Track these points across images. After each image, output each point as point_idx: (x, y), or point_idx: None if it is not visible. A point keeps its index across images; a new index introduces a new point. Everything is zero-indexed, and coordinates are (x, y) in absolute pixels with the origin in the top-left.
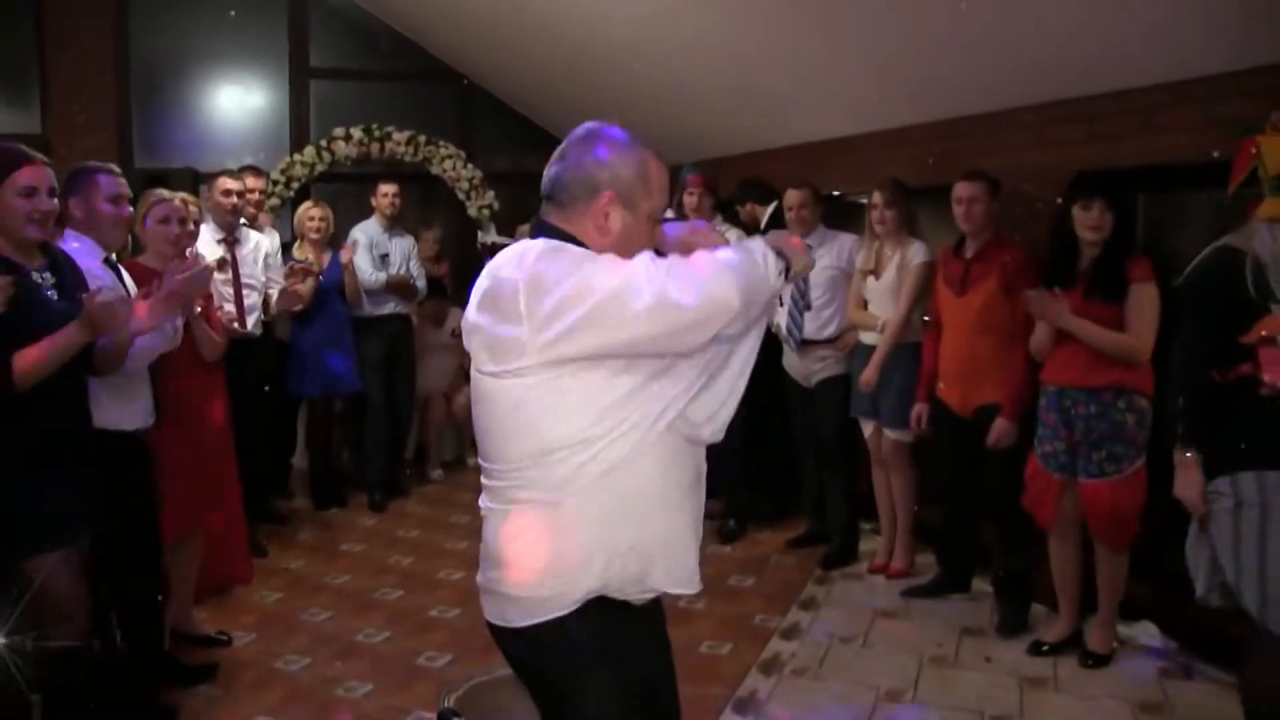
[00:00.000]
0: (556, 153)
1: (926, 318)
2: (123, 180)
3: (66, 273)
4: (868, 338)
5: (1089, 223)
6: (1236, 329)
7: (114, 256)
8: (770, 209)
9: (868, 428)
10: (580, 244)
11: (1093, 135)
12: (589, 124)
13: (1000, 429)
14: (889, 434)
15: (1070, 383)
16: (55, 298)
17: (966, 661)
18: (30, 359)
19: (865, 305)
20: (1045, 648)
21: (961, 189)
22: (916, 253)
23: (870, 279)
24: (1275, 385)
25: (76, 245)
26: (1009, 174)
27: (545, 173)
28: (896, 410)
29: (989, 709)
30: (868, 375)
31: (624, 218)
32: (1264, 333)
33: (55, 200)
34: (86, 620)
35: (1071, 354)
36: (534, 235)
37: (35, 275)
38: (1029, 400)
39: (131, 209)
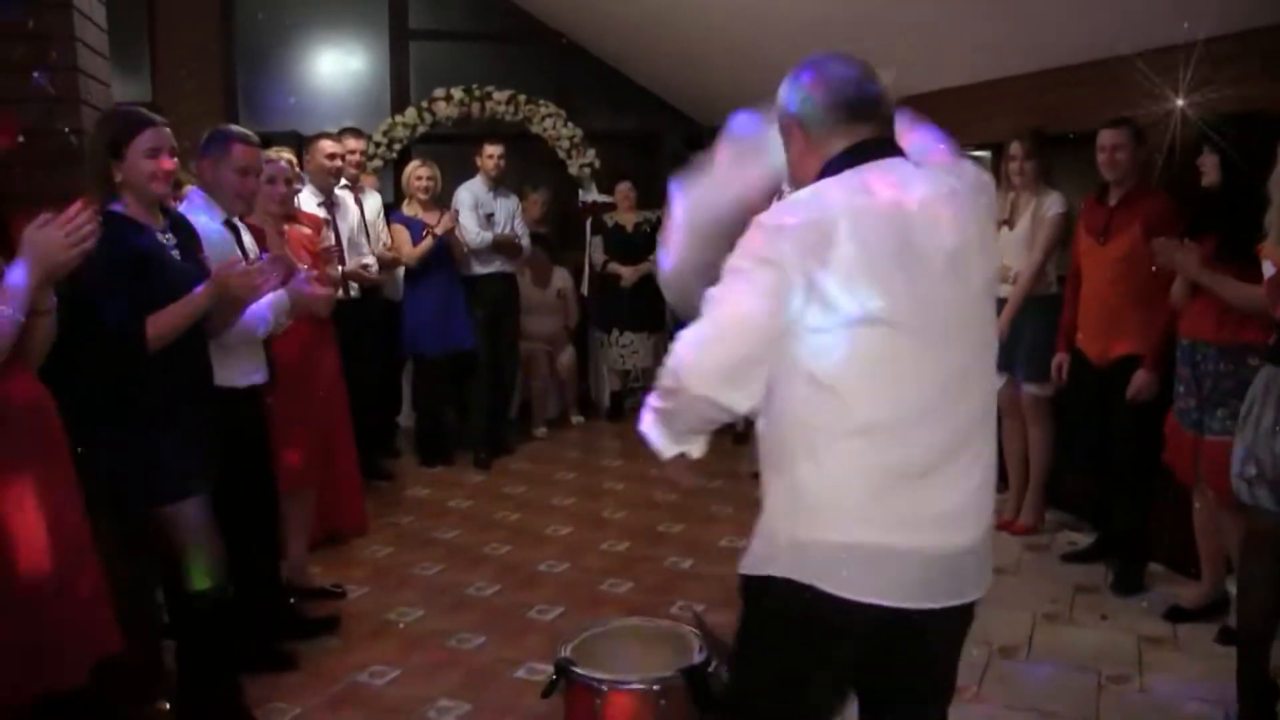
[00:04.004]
0: (864, 73)
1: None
2: (259, 151)
3: (185, 234)
4: (1001, 290)
5: (1201, 171)
6: None
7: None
8: None
9: (998, 382)
10: None
11: (1217, 79)
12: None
13: (1140, 381)
14: (1028, 388)
15: (1201, 337)
16: (178, 257)
17: (1081, 619)
18: (162, 323)
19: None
20: (1184, 613)
21: (1105, 136)
22: (1053, 204)
23: (1004, 229)
24: None
25: (200, 204)
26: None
27: (865, 94)
28: (1032, 364)
29: (1106, 667)
30: (1000, 328)
31: None
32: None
33: (175, 160)
34: (221, 568)
35: (1204, 307)
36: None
37: (160, 236)
38: (1172, 353)
39: (257, 181)
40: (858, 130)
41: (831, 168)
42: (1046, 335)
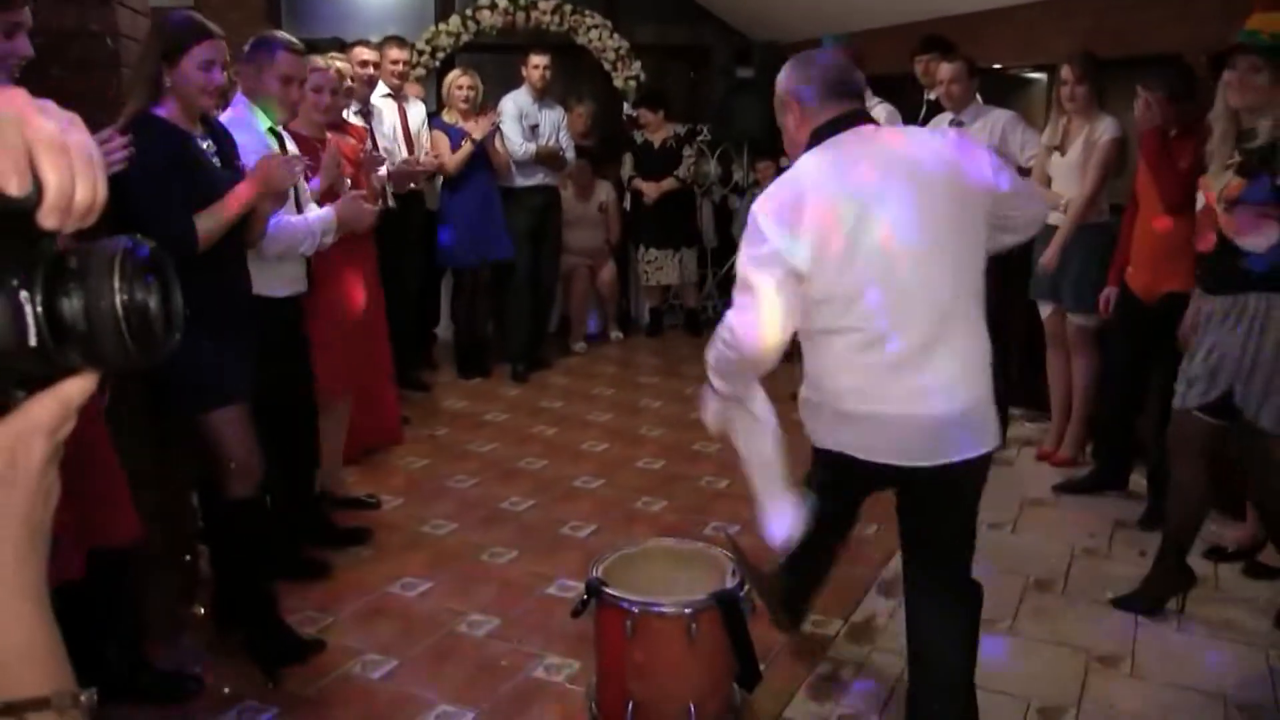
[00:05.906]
0: (847, 63)
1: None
2: (303, 59)
3: (224, 142)
4: (1051, 217)
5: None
6: None
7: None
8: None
9: (1045, 310)
10: None
11: None
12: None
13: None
14: (1072, 318)
15: None
16: (217, 164)
17: (1119, 555)
18: (209, 220)
19: (1049, 183)
20: (1225, 553)
21: (1140, 91)
22: (1105, 129)
23: (1055, 155)
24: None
25: (243, 112)
26: (1195, 49)
27: (848, 78)
28: (1078, 294)
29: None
30: (1049, 257)
31: None
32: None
33: (225, 75)
34: (259, 475)
35: None
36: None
37: (200, 142)
38: None
39: (301, 90)
40: (840, 106)
41: (819, 135)
42: (1095, 265)
